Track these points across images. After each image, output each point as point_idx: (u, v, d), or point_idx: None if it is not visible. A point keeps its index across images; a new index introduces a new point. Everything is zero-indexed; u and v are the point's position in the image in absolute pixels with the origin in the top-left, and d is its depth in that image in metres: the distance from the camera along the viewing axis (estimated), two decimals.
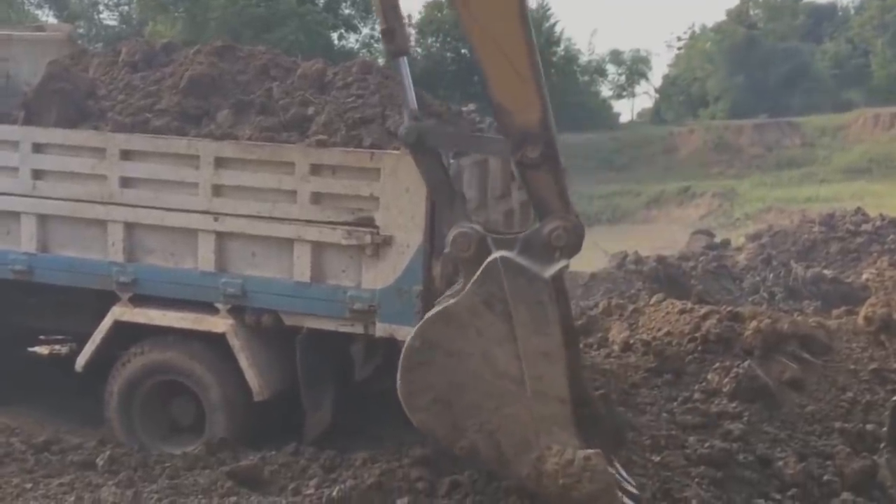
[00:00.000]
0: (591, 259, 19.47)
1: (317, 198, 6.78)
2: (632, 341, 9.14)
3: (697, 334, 8.81)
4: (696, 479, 6.53)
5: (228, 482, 6.33)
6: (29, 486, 6.34)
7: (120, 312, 7.30)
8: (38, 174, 7.41)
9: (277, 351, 7.08)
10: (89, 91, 7.95)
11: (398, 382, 5.83)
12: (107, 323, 7.31)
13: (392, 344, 6.45)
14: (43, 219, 7.44)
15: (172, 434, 7.40)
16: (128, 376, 7.30)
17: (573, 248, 5.93)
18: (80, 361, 7.44)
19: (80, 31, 44.77)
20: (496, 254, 5.77)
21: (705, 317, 9.04)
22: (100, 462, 6.74)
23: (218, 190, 6.97)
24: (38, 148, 7.40)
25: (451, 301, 5.87)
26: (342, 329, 6.88)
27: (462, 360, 5.74)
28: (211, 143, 7.07)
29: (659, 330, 9.22)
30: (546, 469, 5.62)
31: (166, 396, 7.39)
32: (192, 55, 8.21)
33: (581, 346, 7.08)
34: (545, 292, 5.71)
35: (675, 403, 7.88)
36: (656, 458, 6.79)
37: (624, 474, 6.66)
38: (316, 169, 6.76)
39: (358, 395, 7.81)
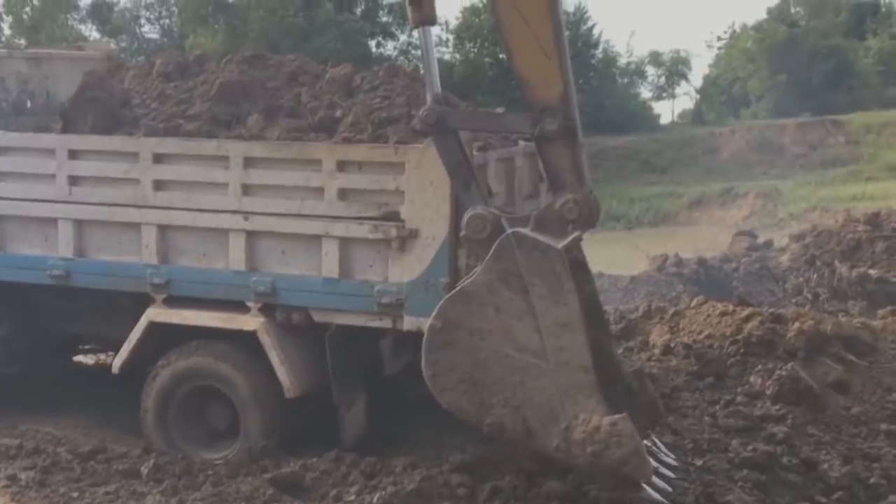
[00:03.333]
0: (631, 262, 19.38)
1: (343, 194, 6.86)
2: (673, 344, 9.09)
3: (739, 336, 8.74)
4: (740, 483, 6.48)
5: (270, 489, 6.39)
6: (75, 494, 6.45)
7: (154, 314, 7.41)
8: (74, 180, 7.57)
9: (308, 348, 7.14)
10: (124, 100, 8.17)
11: (422, 364, 5.91)
12: (142, 324, 7.42)
13: (421, 338, 6.47)
14: (79, 224, 7.59)
15: (212, 441, 7.46)
16: (159, 389, 7.38)
17: (586, 220, 6.00)
18: (117, 363, 7.57)
19: (123, 44, 45.46)
20: (508, 230, 5.83)
21: (747, 319, 8.97)
22: (144, 470, 6.83)
23: (247, 189, 7.08)
24: (73, 154, 7.56)
25: (468, 280, 5.92)
26: (370, 324, 6.94)
27: (483, 338, 5.81)
28: (240, 143, 7.21)
29: (700, 333, 9.16)
30: (574, 438, 5.65)
31: (200, 404, 7.46)
32: (224, 64, 8.44)
33: (610, 326, 7.05)
34: (559, 263, 5.76)
35: (717, 407, 7.83)
36: (698, 462, 6.76)
37: (662, 447, 6.64)
38: (342, 165, 6.84)
39: (397, 400, 7.83)
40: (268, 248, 7.12)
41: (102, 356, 9.64)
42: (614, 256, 19.56)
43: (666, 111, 59.29)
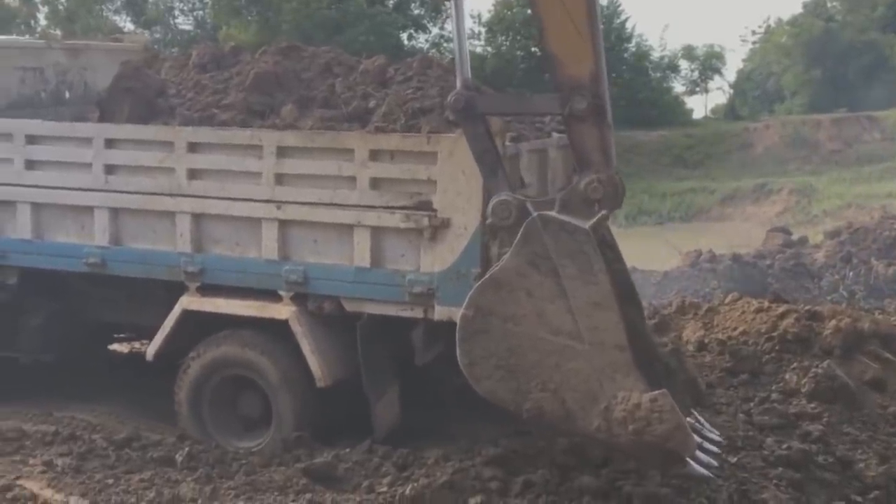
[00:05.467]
0: (663, 257, 19.30)
1: (376, 183, 6.87)
2: (707, 341, 9.02)
3: (775, 333, 8.67)
4: (774, 481, 6.42)
5: (303, 479, 6.41)
6: (111, 481, 6.49)
7: (188, 302, 7.46)
8: (110, 169, 7.63)
9: (339, 338, 7.16)
10: (160, 90, 8.22)
11: (458, 354, 5.90)
12: (176, 312, 7.48)
13: (452, 328, 6.47)
14: (115, 212, 7.66)
15: (245, 430, 7.50)
16: (192, 379, 7.43)
17: (611, 200, 5.98)
18: (151, 351, 7.64)
19: (156, 35, 45.82)
20: (534, 213, 5.82)
21: (783, 316, 8.88)
22: (179, 458, 6.88)
23: (280, 179, 7.11)
24: (109, 143, 7.62)
25: (497, 267, 5.91)
26: (402, 314, 6.94)
27: (517, 323, 5.79)
28: (273, 132, 7.24)
29: (735, 329, 9.08)
30: (615, 417, 5.61)
31: (233, 393, 7.50)
32: (259, 55, 8.48)
33: (642, 306, 7.04)
34: (587, 242, 5.74)
35: (751, 404, 7.76)
36: (733, 460, 6.69)
37: (705, 423, 6.60)
38: (374, 155, 6.85)
39: (430, 392, 7.84)
40: (300, 237, 7.15)
41: (137, 344, 9.72)
42: (646, 251, 19.47)
43: (699, 106, 59.00)
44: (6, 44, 8.96)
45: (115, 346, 9.88)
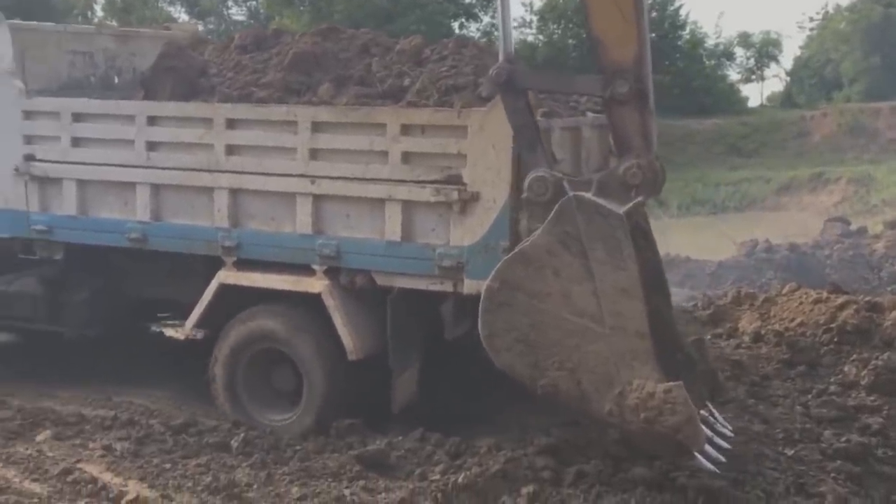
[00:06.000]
0: (718, 247, 19.07)
1: (407, 157, 6.94)
2: (763, 332, 8.92)
3: (833, 325, 8.54)
4: (833, 475, 6.31)
5: (357, 466, 6.46)
6: (168, 466, 6.60)
7: (225, 276, 7.61)
8: (151, 146, 7.81)
9: (371, 312, 7.24)
10: (201, 69, 8.40)
11: (479, 324, 5.94)
12: (213, 286, 7.63)
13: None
14: (156, 188, 7.84)
15: (278, 403, 7.61)
16: (226, 353, 7.56)
17: (650, 186, 5.97)
18: (189, 324, 7.84)
19: (210, 26, 46.26)
20: (570, 193, 5.81)
21: (842, 307, 8.75)
22: (234, 444, 6.97)
23: (315, 154, 7.22)
24: (151, 121, 7.80)
25: (528, 242, 5.91)
26: (432, 287, 7.00)
27: (541, 300, 5.81)
28: (308, 108, 7.36)
29: (792, 320, 8.97)
30: (628, 404, 5.63)
31: (266, 367, 7.61)
32: (299, 37, 8.61)
33: (670, 295, 7.03)
34: (620, 228, 5.72)
35: (809, 396, 7.65)
36: (789, 452, 6.60)
37: (719, 417, 6.55)
38: (406, 129, 6.92)
39: (481, 380, 7.84)
40: (333, 211, 7.25)
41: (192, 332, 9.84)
42: (700, 241, 19.30)
43: (755, 94, 58.21)
44: (58, 28, 9.14)
45: (171, 333, 10.03)
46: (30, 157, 8.23)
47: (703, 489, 5.91)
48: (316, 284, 7.28)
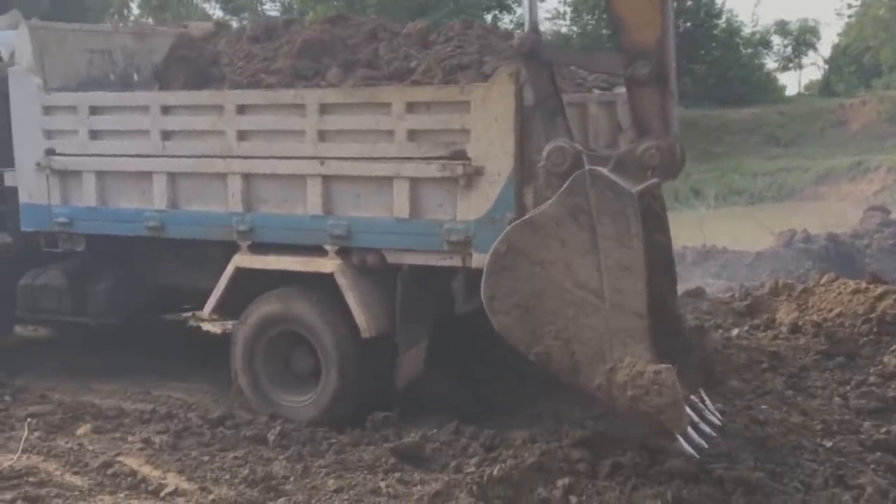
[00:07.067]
0: (755, 237, 18.89)
1: (412, 135, 6.99)
2: (801, 323, 8.84)
3: (872, 315, 8.45)
4: (872, 466, 6.25)
5: (392, 458, 6.48)
6: (206, 458, 6.66)
7: (240, 259, 7.70)
8: (166, 135, 7.91)
9: (383, 290, 7.29)
10: (212, 59, 8.53)
11: (482, 286, 6.01)
12: (229, 270, 7.72)
13: None
14: (172, 176, 7.95)
15: (298, 385, 7.66)
16: (245, 338, 7.63)
17: (668, 168, 5.98)
18: (207, 308, 7.94)
19: (244, 22, 46.47)
20: (587, 167, 5.83)
21: (881, 297, 8.65)
22: (271, 437, 7.01)
23: (323, 135, 7.29)
24: (165, 110, 7.90)
25: (538, 211, 5.95)
26: (441, 262, 7.05)
27: (544, 269, 5.87)
28: (315, 90, 7.46)
29: (830, 311, 8.87)
30: (617, 380, 5.69)
31: (285, 350, 7.68)
32: (308, 25, 8.76)
33: (677, 280, 7.03)
34: (630, 206, 5.73)
35: (848, 387, 7.57)
36: (828, 444, 6.54)
37: (710, 405, 6.54)
38: (411, 107, 6.97)
39: (515, 372, 7.84)
40: (343, 191, 7.32)
41: (230, 325, 9.93)
42: (737, 231, 19.13)
43: (792, 82, 57.57)
44: (75, 27, 9.27)
45: (207, 327, 10.12)
46: (50, 152, 8.40)
47: (740, 481, 5.87)
48: (328, 265, 7.36)
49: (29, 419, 7.48)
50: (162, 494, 6.09)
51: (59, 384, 8.56)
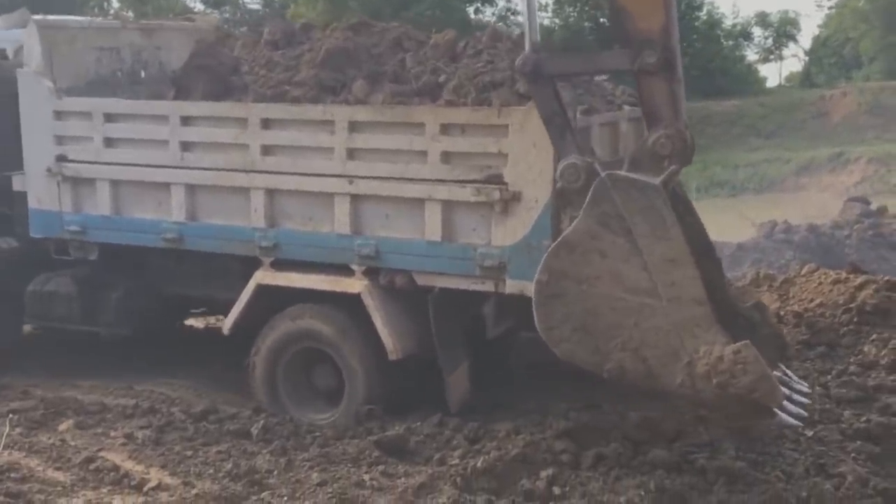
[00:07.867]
0: (737, 229, 18.98)
1: (447, 157, 6.86)
2: (783, 313, 8.88)
3: (853, 305, 8.49)
4: (852, 455, 6.30)
5: (376, 451, 6.47)
6: (189, 453, 6.64)
7: (262, 276, 7.56)
8: (186, 146, 7.75)
9: (411, 311, 7.19)
10: (233, 67, 8.30)
11: (535, 319, 5.89)
12: (250, 287, 7.59)
13: (523, 301, 6.46)
14: (191, 189, 7.78)
15: (319, 403, 7.57)
16: (266, 352, 7.51)
17: (681, 155, 5.87)
18: (227, 324, 7.77)
19: (226, 15, 46.26)
20: (602, 174, 5.76)
21: (861, 287, 8.70)
22: (254, 431, 7.00)
23: (352, 154, 7.14)
24: (185, 121, 7.74)
25: (569, 230, 5.88)
26: (473, 287, 6.94)
27: (592, 285, 5.76)
28: (345, 107, 7.27)
29: (811, 301, 8.92)
30: (698, 372, 5.54)
31: (307, 367, 7.57)
32: (329, 32, 8.50)
33: (720, 260, 6.89)
34: (659, 198, 5.66)
35: (829, 377, 7.62)
36: (809, 433, 6.59)
37: (793, 376, 6.47)
38: (445, 128, 6.84)
39: (500, 365, 7.85)
40: (372, 211, 7.19)
41: (213, 320, 9.91)
42: (719, 223, 19.14)
43: (773, 74, 57.81)
44: (83, 24, 9.11)
45: (191, 322, 10.07)
46: (62, 158, 8.17)
47: (722, 471, 5.92)
48: (355, 285, 7.23)
49: (11, 415, 7.42)
50: (145, 489, 6.06)
51: (41, 380, 8.49)
